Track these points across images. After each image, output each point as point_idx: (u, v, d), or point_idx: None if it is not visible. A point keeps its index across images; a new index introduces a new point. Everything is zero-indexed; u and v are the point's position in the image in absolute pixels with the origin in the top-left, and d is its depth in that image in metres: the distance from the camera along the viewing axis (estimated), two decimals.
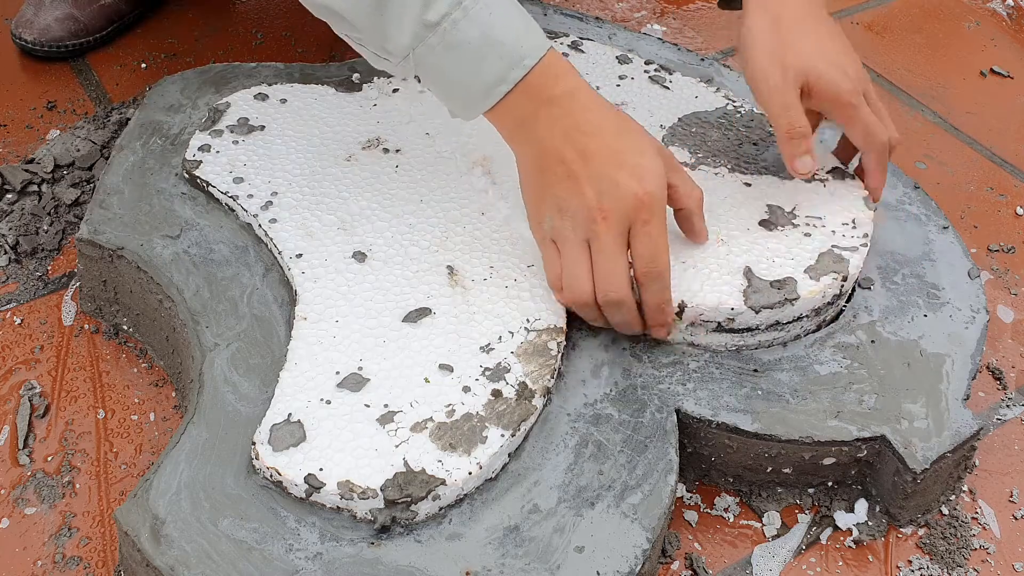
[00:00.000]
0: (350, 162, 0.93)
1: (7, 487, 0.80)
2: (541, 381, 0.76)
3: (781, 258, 0.84)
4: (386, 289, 0.82)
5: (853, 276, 0.85)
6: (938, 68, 1.30)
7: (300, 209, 0.88)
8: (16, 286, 0.96)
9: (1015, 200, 1.11)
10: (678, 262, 0.81)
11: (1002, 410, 0.90)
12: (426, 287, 0.83)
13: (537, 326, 0.80)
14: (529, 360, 0.77)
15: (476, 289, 0.83)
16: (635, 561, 0.69)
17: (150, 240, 0.87)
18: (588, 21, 1.14)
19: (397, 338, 0.79)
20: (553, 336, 0.79)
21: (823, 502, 0.82)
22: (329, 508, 0.69)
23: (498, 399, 0.75)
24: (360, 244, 0.86)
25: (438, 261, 0.85)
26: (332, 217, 0.88)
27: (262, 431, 0.72)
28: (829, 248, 0.85)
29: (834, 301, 0.84)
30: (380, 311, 0.81)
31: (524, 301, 0.82)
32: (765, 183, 0.91)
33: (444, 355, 0.77)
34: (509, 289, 0.83)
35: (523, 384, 0.76)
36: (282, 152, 0.94)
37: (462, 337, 0.79)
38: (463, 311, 0.81)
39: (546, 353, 0.78)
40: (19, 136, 1.11)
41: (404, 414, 0.73)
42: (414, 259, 0.85)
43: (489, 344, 0.78)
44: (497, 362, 0.77)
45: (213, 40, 1.25)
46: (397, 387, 0.75)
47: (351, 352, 0.77)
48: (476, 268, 0.84)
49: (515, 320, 0.80)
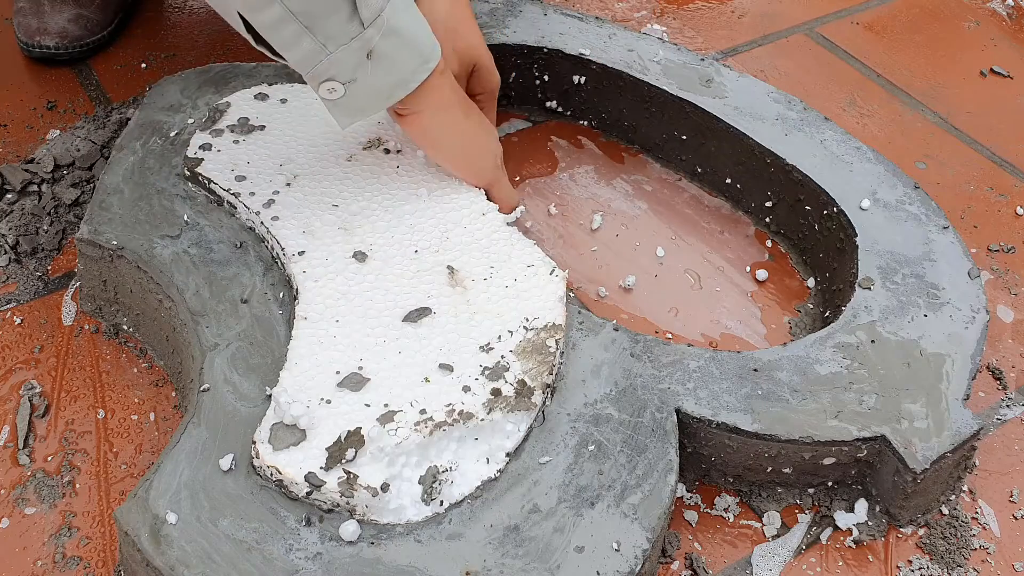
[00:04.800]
0: (351, 162, 0.93)
1: (7, 487, 0.80)
2: (540, 378, 0.76)
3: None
4: (386, 289, 0.82)
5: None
6: (938, 68, 1.30)
7: (302, 208, 0.88)
8: (16, 286, 0.96)
9: (1015, 200, 1.11)
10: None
11: (1002, 410, 0.90)
12: (426, 287, 0.83)
13: (536, 324, 0.80)
14: (528, 358, 0.78)
15: (476, 289, 0.83)
16: (635, 561, 0.69)
17: (150, 240, 0.87)
18: (588, 21, 1.14)
19: (397, 337, 0.79)
20: (552, 334, 0.79)
21: (823, 502, 0.82)
22: (329, 507, 0.69)
23: (497, 398, 0.75)
24: (361, 244, 0.86)
25: (438, 261, 0.85)
26: (333, 216, 0.88)
27: (262, 430, 0.72)
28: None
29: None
30: (380, 311, 0.81)
31: (524, 301, 0.82)
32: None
33: (444, 355, 0.77)
34: (509, 289, 0.83)
35: (522, 382, 0.76)
36: (283, 152, 0.94)
37: (462, 337, 0.79)
38: (463, 311, 0.81)
39: (544, 351, 0.78)
40: (19, 136, 1.11)
41: (404, 413, 0.73)
42: (414, 259, 0.85)
43: (489, 343, 0.78)
44: (496, 361, 0.77)
45: (213, 40, 1.25)
46: (397, 387, 0.75)
47: (351, 352, 0.77)
48: (476, 268, 0.84)
49: (514, 319, 0.80)
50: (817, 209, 0.98)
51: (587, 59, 1.09)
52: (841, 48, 1.32)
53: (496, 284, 0.83)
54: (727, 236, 1.04)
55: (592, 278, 0.99)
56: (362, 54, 0.80)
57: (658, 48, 1.11)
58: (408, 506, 0.70)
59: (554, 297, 0.82)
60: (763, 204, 1.03)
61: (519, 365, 0.77)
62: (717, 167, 1.06)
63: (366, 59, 0.80)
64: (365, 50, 0.79)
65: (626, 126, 1.12)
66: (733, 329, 0.95)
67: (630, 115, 1.11)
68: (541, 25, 1.13)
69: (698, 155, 1.07)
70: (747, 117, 1.03)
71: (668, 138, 1.09)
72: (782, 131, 1.02)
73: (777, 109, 1.04)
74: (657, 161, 1.11)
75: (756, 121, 1.03)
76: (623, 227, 1.04)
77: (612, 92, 1.10)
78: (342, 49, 0.79)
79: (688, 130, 1.07)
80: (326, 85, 0.81)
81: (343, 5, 0.77)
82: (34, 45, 1.19)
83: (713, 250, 1.02)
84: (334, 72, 0.80)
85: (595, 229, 1.03)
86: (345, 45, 0.79)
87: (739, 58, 1.29)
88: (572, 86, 1.12)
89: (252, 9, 0.77)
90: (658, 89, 1.06)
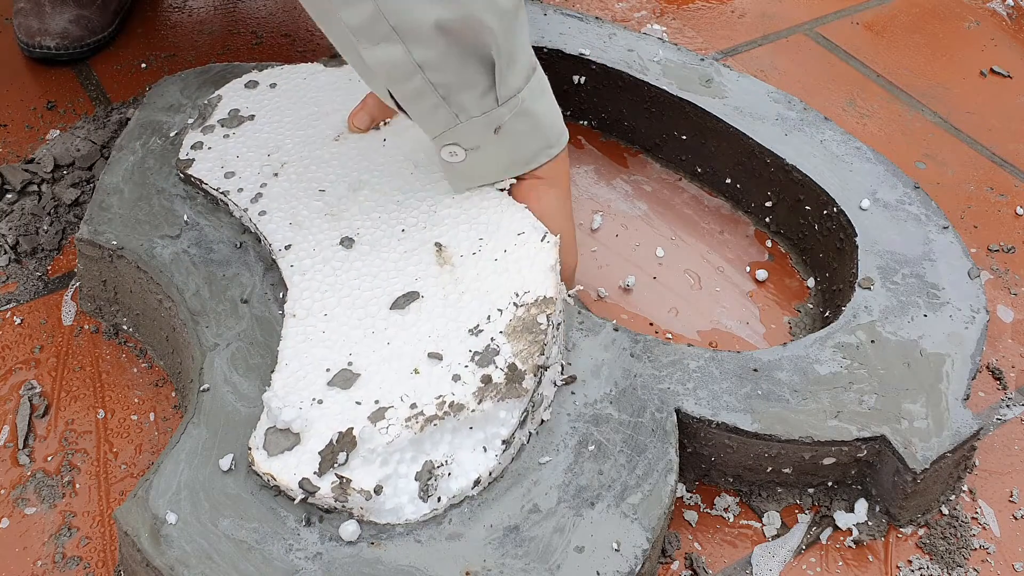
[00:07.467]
0: (339, 141, 0.92)
1: (7, 487, 0.80)
2: (531, 360, 0.75)
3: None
4: (373, 275, 0.81)
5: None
6: (938, 68, 1.30)
7: (288, 198, 0.87)
8: (16, 286, 0.96)
9: (1015, 200, 1.11)
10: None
11: (1002, 410, 0.90)
12: (414, 268, 0.81)
13: (526, 300, 0.78)
14: (518, 338, 0.76)
15: (465, 266, 0.81)
16: (635, 561, 0.69)
17: (150, 240, 0.87)
18: (588, 21, 1.14)
19: (386, 328, 0.77)
20: (543, 309, 0.77)
21: (823, 502, 0.82)
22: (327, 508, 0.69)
23: (488, 385, 0.73)
24: (348, 229, 0.84)
25: (425, 239, 0.83)
26: (320, 203, 0.87)
27: (257, 436, 0.71)
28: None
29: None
30: (368, 300, 0.79)
31: (513, 274, 0.80)
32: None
33: (433, 342, 0.76)
34: (498, 262, 0.81)
35: (512, 366, 0.74)
36: (271, 140, 0.93)
37: (450, 321, 0.77)
38: (451, 291, 0.79)
39: (535, 328, 0.76)
40: (19, 136, 1.11)
41: (395, 409, 0.72)
42: (401, 239, 0.83)
43: (478, 326, 0.77)
44: (486, 344, 0.75)
45: (213, 40, 1.25)
46: (387, 381, 0.74)
47: (340, 347, 0.76)
48: (464, 242, 0.83)
49: (503, 296, 0.78)
50: (817, 209, 0.98)
51: (587, 59, 1.09)
52: (841, 48, 1.32)
53: (485, 258, 0.81)
54: (727, 236, 1.04)
55: (592, 278, 0.98)
56: (490, 129, 0.81)
57: (658, 48, 1.11)
58: (406, 504, 0.69)
59: (545, 267, 0.80)
60: (763, 204, 1.03)
61: (509, 347, 0.75)
62: (717, 167, 1.06)
63: (493, 134, 0.81)
64: (494, 125, 0.81)
65: (626, 126, 1.12)
66: (733, 329, 0.95)
67: (630, 115, 1.11)
68: (541, 25, 1.13)
69: (698, 155, 1.07)
70: (747, 117, 1.03)
71: (668, 138, 1.09)
72: (782, 131, 1.02)
73: (777, 109, 1.04)
74: (657, 161, 1.11)
75: (756, 121, 1.03)
76: (623, 227, 1.04)
77: (612, 92, 1.10)
78: (472, 121, 0.80)
79: (688, 130, 1.07)
80: (448, 148, 0.83)
81: (481, 80, 0.79)
82: (34, 46, 1.19)
83: (713, 250, 1.02)
84: (459, 139, 0.82)
85: (595, 229, 1.03)
86: (476, 118, 0.80)
87: (739, 58, 1.29)
88: (572, 86, 1.12)
89: (395, 81, 0.79)
90: (658, 89, 1.06)
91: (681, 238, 1.03)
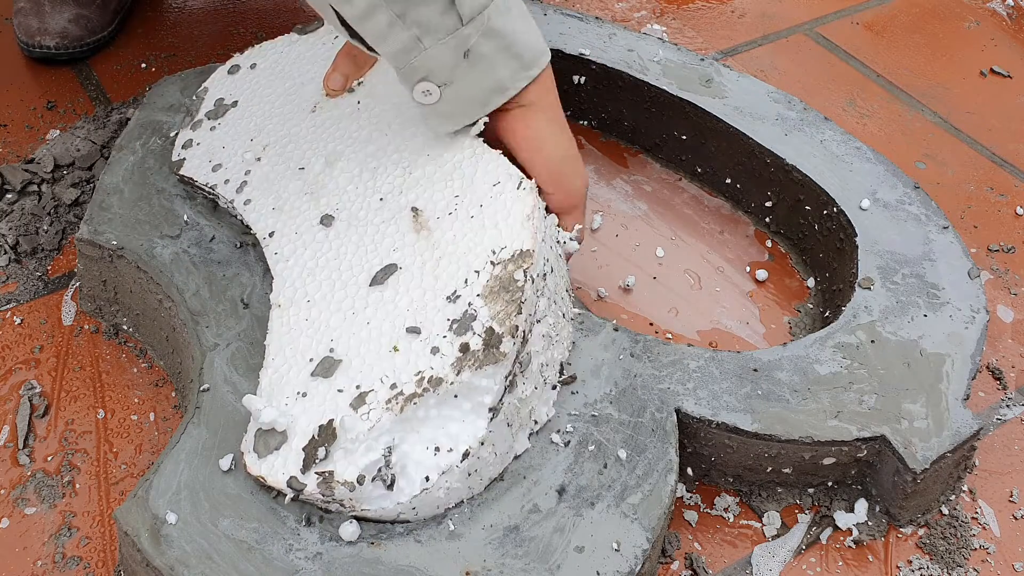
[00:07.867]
0: (315, 112, 0.90)
1: (7, 487, 0.80)
2: (508, 321, 0.70)
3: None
4: (352, 253, 0.79)
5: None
6: (938, 68, 1.30)
7: (269, 182, 0.86)
8: (16, 286, 0.96)
9: (1015, 200, 1.11)
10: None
11: (1002, 410, 0.90)
12: (391, 239, 0.79)
13: (503, 256, 0.74)
14: (495, 299, 0.72)
15: (441, 228, 0.78)
16: (635, 561, 0.69)
17: (150, 240, 0.87)
18: (588, 21, 1.14)
19: (365, 307, 0.75)
20: (519, 264, 0.73)
21: (823, 502, 0.82)
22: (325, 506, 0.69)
23: (466, 354, 0.70)
24: (327, 207, 0.83)
25: (401, 205, 0.80)
26: (300, 183, 0.85)
27: (247, 439, 0.71)
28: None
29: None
30: (347, 280, 0.77)
31: (489, 229, 0.76)
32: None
33: (412, 315, 0.73)
34: (475, 219, 0.77)
35: (489, 330, 0.70)
36: (252, 125, 0.92)
37: (427, 291, 0.74)
38: (428, 258, 0.76)
39: (512, 287, 0.72)
40: (19, 136, 1.11)
41: (375, 392, 0.70)
42: (379, 209, 0.81)
43: (455, 292, 0.73)
44: (463, 311, 0.72)
45: (213, 40, 1.25)
46: (367, 364, 0.72)
47: (322, 334, 0.75)
48: (440, 203, 0.80)
49: (480, 256, 0.75)
50: (817, 209, 0.98)
51: (587, 59, 1.09)
52: (841, 48, 1.32)
53: (462, 217, 0.78)
54: (727, 236, 1.04)
55: (592, 278, 0.98)
56: (459, 53, 0.76)
57: (658, 48, 1.11)
58: (403, 487, 0.68)
59: (520, 217, 0.76)
60: (763, 204, 1.03)
61: (487, 310, 0.71)
62: (717, 167, 1.06)
63: (463, 59, 0.77)
64: (462, 49, 0.76)
65: (626, 126, 1.12)
66: (733, 329, 0.95)
67: (630, 115, 1.11)
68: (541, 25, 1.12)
69: (698, 155, 1.07)
70: (747, 117, 1.03)
71: (668, 138, 1.09)
72: (782, 131, 1.02)
73: (777, 109, 1.04)
74: (657, 161, 1.11)
75: (756, 121, 1.03)
76: (623, 227, 1.04)
77: (612, 92, 1.10)
78: (438, 45, 0.76)
79: (688, 130, 1.07)
80: (421, 87, 0.79)
81: None
82: (34, 45, 1.19)
83: (713, 250, 1.02)
84: (429, 70, 0.78)
85: (595, 229, 1.03)
86: (442, 41, 0.76)
87: (739, 58, 1.29)
88: (572, 86, 1.12)
89: (342, 0, 0.75)
90: (658, 89, 1.06)
91: (681, 238, 1.03)
